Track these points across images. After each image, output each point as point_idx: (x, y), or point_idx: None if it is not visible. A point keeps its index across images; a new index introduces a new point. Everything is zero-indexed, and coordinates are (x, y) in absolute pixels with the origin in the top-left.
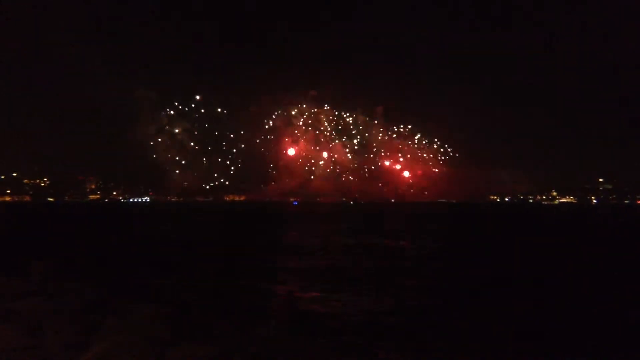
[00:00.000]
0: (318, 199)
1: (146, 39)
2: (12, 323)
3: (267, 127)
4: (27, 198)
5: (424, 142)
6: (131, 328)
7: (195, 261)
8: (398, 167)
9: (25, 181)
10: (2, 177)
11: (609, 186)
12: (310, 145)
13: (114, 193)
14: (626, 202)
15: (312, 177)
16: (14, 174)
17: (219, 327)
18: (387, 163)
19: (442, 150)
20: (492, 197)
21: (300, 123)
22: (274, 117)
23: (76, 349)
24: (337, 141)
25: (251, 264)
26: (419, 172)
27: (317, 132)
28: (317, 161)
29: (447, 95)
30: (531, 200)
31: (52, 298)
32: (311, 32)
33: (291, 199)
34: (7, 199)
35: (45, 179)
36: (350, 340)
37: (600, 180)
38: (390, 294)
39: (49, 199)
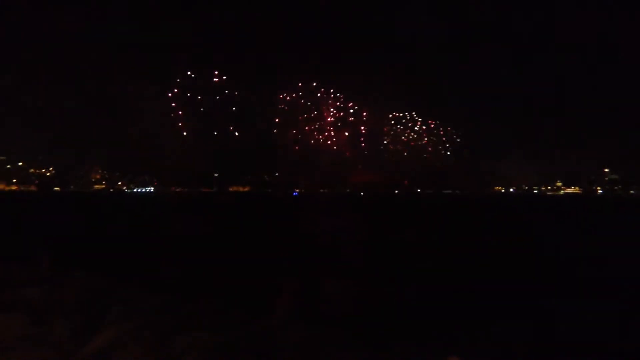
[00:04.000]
0: (322, 190)
1: (147, 29)
2: (18, 312)
3: (269, 117)
4: (33, 187)
5: (429, 131)
6: (137, 317)
7: (204, 251)
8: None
9: (31, 171)
10: (8, 166)
11: (615, 176)
12: (313, 136)
13: (119, 183)
14: (632, 192)
15: (317, 167)
16: (20, 164)
17: (225, 317)
18: (392, 152)
19: (447, 141)
20: (497, 187)
21: (303, 114)
22: (276, 107)
23: (82, 337)
24: (340, 131)
25: (260, 257)
26: (425, 162)
27: (321, 122)
28: (321, 152)
29: (452, 84)
30: (536, 191)
31: (59, 286)
32: (313, 19)
33: (297, 190)
34: (14, 188)
35: (51, 169)
36: (361, 331)
37: (606, 170)
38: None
39: (55, 188)
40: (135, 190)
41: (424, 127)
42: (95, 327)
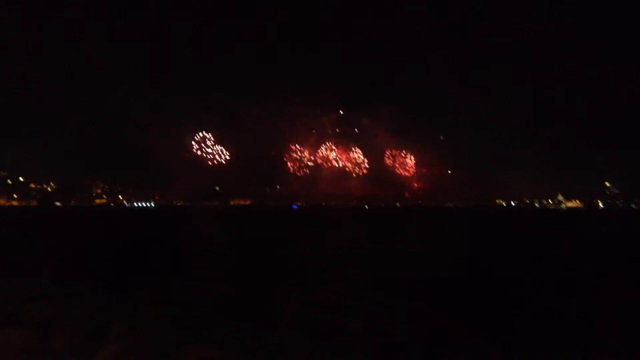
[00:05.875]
0: (323, 204)
1: (154, 43)
2: (21, 326)
3: (272, 130)
4: (34, 203)
5: (429, 146)
6: (139, 331)
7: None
8: (406, 168)
9: (32, 186)
10: (10, 182)
11: (616, 190)
12: (315, 149)
13: (120, 197)
14: (633, 206)
15: (317, 180)
16: (21, 179)
17: (227, 331)
18: (392, 166)
19: (448, 154)
20: (498, 201)
21: (305, 126)
22: (278, 120)
23: (85, 352)
24: (340, 144)
25: (265, 269)
26: (426, 176)
27: (322, 135)
28: (322, 165)
29: (453, 97)
30: (537, 205)
31: (61, 301)
32: (316, 35)
33: (299, 204)
34: (15, 203)
35: (52, 184)
36: (361, 346)
37: (608, 185)
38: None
39: (57, 203)
40: (135, 204)
41: (423, 141)
42: (98, 342)
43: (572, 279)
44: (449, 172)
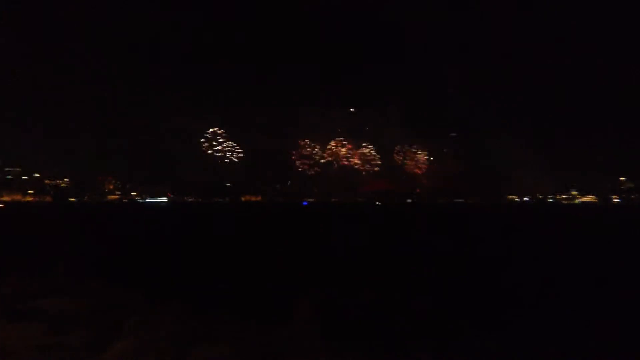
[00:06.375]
0: (333, 200)
1: (155, 43)
2: (36, 321)
3: (282, 128)
4: (49, 198)
5: (440, 143)
6: (153, 327)
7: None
8: (417, 164)
9: (47, 182)
10: (26, 177)
11: (632, 185)
12: (325, 146)
13: (133, 193)
14: None
15: (327, 176)
16: (36, 175)
17: (232, 328)
18: (403, 162)
19: (459, 148)
20: (510, 196)
21: (316, 124)
22: (288, 118)
23: (99, 347)
24: (350, 141)
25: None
26: (437, 172)
27: (333, 133)
28: (332, 162)
29: (464, 92)
30: (551, 200)
31: (75, 297)
32: (328, 39)
33: (310, 200)
34: (30, 199)
35: (66, 179)
36: (377, 342)
37: (622, 179)
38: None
39: (71, 199)
40: (148, 200)
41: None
42: (112, 337)
43: (571, 279)
44: (461, 168)
